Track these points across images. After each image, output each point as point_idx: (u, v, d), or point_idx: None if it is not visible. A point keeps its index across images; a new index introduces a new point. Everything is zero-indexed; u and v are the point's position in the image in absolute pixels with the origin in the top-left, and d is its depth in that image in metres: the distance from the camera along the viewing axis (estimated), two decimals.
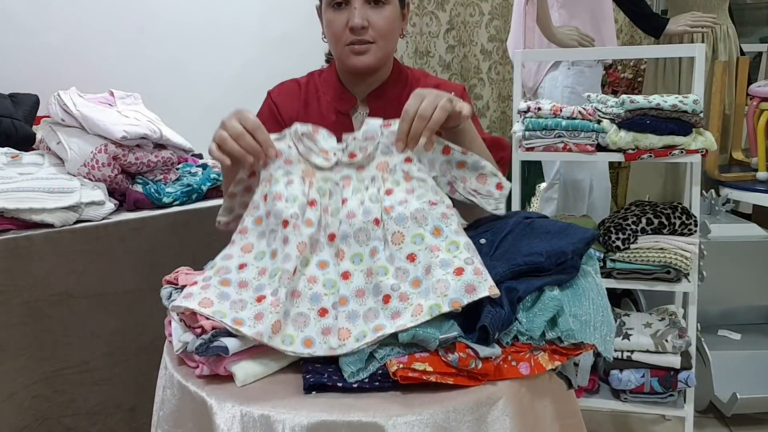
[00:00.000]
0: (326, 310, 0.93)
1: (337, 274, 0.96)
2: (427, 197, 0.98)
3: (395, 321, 0.88)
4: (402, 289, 0.92)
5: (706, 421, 2.11)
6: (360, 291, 0.94)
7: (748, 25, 4.09)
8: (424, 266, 0.92)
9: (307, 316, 0.92)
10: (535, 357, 0.88)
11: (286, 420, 0.79)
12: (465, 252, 0.93)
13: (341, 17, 1.25)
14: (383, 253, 0.95)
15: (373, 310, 0.92)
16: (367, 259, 0.96)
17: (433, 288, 0.89)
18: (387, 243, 0.96)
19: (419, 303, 0.89)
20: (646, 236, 1.78)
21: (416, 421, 0.79)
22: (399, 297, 0.91)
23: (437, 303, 0.88)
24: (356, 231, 0.97)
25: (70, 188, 1.50)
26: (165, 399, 0.93)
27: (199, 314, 0.91)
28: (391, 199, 0.98)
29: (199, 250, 1.65)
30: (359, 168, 1.03)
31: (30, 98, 1.82)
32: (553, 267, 0.95)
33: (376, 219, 0.97)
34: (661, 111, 1.71)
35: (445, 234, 0.95)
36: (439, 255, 0.92)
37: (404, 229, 0.95)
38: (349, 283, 0.95)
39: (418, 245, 0.94)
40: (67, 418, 1.50)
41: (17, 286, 1.41)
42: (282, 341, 0.89)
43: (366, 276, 0.95)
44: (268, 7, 2.63)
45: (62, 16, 2.13)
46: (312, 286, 0.95)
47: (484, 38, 3.38)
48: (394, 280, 0.93)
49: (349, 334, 0.90)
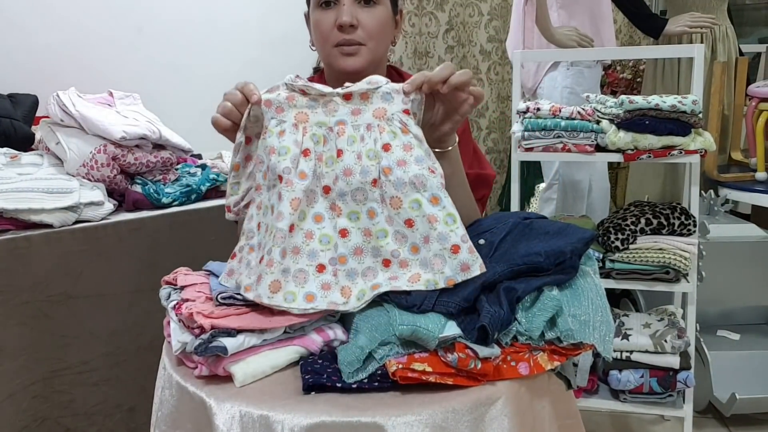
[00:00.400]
0: (323, 266, 0.94)
1: (334, 230, 0.95)
2: (426, 163, 0.95)
3: (392, 282, 0.92)
4: (402, 256, 0.93)
5: (705, 421, 2.11)
6: (358, 249, 0.95)
7: (747, 25, 4.10)
8: (422, 234, 0.93)
9: (306, 272, 0.93)
10: (534, 357, 0.88)
11: (285, 420, 0.79)
12: (461, 228, 0.93)
13: (329, 16, 1.20)
14: (381, 216, 0.95)
15: (371, 269, 0.94)
16: (365, 218, 0.95)
17: (431, 262, 0.92)
18: (385, 204, 0.95)
19: (417, 272, 0.92)
20: (645, 236, 1.79)
21: (415, 421, 0.79)
22: (399, 263, 0.93)
23: (434, 279, 0.91)
24: (353, 190, 0.95)
25: (69, 188, 1.50)
26: (164, 399, 0.93)
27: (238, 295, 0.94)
28: (389, 159, 0.94)
29: (198, 250, 1.65)
30: (355, 112, 0.98)
31: (29, 98, 1.82)
32: (552, 267, 0.95)
33: (374, 180, 0.95)
34: (660, 111, 1.71)
35: (443, 204, 0.94)
36: (437, 227, 0.92)
37: (402, 194, 0.93)
38: (347, 241, 0.95)
39: (416, 211, 0.93)
40: (66, 418, 1.50)
41: (16, 286, 1.40)
42: (284, 299, 0.90)
43: (364, 235, 0.95)
44: (268, 7, 2.64)
45: (62, 17, 2.13)
46: (309, 242, 0.94)
47: (483, 39, 3.38)
48: (395, 246, 0.94)
49: (351, 292, 0.93)
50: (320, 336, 0.92)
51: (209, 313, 0.89)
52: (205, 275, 1.05)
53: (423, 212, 0.93)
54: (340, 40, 1.21)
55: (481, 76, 3.41)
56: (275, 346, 0.90)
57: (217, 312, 0.90)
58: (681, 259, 1.75)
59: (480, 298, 0.90)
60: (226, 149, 2.03)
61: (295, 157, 0.95)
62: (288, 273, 0.92)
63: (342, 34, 1.20)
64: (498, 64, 3.46)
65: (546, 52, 2.43)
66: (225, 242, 1.22)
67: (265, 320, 0.89)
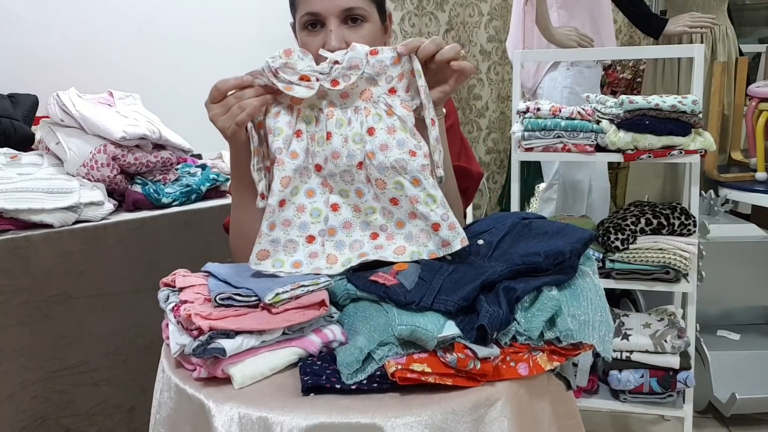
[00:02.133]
0: (313, 237, 1.02)
1: (325, 204, 1.03)
2: (407, 146, 1.00)
3: (378, 251, 1.00)
4: (389, 230, 1.02)
5: (705, 421, 2.11)
6: (348, 223, 1.03)
7: (747, 25, 4.10)
8: (406, 211, 1.01)
9: (296, 243, 1.01)
10: (534, 357, 0.88)
11: (284, 422, 0.79)
12: (441, 208, 0.99)
13: (317, 40, 1.15)
14: (368, 195, 1.03)
15: (359, 241, 1.02)
16: (353, 197, 1.04)
17: (416, 236, 1.00)
18: (371, 185, 1.02)
19: (402, 245, 1.01)
20: (645, 236, 1.78)
21: (415, 422, 0.79)
22: (386, 236, 1.02)
23: (418, 250, 1.00)
24: (342, 172, 1.02)
25: (69, 188, 1.50)
26: (162, 402, 0.93)
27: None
28: (373, 143, 1.00)
29: (198, 251, 1.65)
30: (343, 95, 1.04)
31: (29, 98, 1.82)
32: (551, 267, 0.95)
33: (359, 163, 1.01)
34: (660, 111, 1.71)
35: (423, 185, 1.00)
36: (418, 207, 0.99)
37: (385, 177, 1.00)
38: (338, 215, 1.03)
39: (399, 191, 1.00)
40: (66, 418, 1.50)
41: (16, 286, 1.41)
42: (272, 265, 1.00)
43: (353, 211, 1.04)
44: (268, 7, 2.63)
45: (62, 16, 2.13)
46: (300, 215, 1.02)
47: (483, 39, 3.38)
48: (383, 221, 1.02)
49: (336, 260, 1.01)
50: (319, 337, 0.92)
51: (207, 314, 0.89)
52: (203, 276, 1.04)
53: (405, 193, 1.00)
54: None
55: (481, 76, 3.41)
56: (274, 347, 0.90)
57: (216, 313, 0.89)
58: (681, 259, 1.75)
59: (479, 297, 0.90)
60: (226, 149, 2.03)
61: (288, 137, 1.02)
62: (278, 243, 1.00)
63: None
64: (498, 64, 3.46)
65: (546, 52, 2.43)
66: (225, 242, 1.22)
67: (263, 321, 0.89)
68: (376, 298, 0.94)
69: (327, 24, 1.15)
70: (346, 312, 0.97)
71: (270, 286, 0.93)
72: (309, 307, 0.92)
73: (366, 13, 1.17)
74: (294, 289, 0.93)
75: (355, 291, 0.97)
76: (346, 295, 0.98)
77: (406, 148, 1.00)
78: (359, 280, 0.97)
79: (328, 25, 1.15)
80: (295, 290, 0.93)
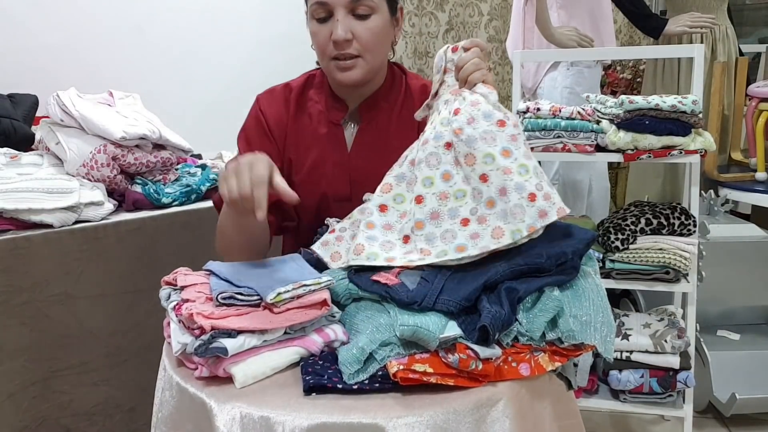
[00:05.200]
0: (408, 237, 1.00)
1: (410, 201, 1.01)
2: (495, 117, 0.99)
3: (476, 242, 0.94)
4: (480, 212, 0.96)
5: (705, 421, 2.11)
6: (435, 213, 0.99)
7: (747, 25, 4.10)
8: (497, 187, 0.95)
9: (393, 243, 1.00)
10: (536, 358, 0.88)
11: (285, 421, 0.79)
12: (534, 177, 0.96)
13: (325, 30, 1.20)
14: (458, 176, 0.99)
15: (450, 231, 0.97)
16: (439, 182, 1.00)
17: (511, 212, 0.94)
18: (460, 166, 0.99)
19: (498, 225, 0.94)
20: (645, 236, 1.78)
21: (416, 423, 0.79)
22: (477, 219, 0.96)
23: (518, 228, 0.93)
24: (427, 155, 1.01)
25: (69, 189, 1.50)
26: (164, 401, 0.93)
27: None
28: (460, 120, 1.00)
29: (198, 251, 1.65)
30: (434, 96, 1.09)
31: (29, 98, 1.82)
32: (553, 267, 0.95)
33: (447, 143, 1.00)
34: (660, 111, 1.71)
35: (514, 156, 0.97)
36: (513, 178, 0.95)
37: (474, 150, 0.97)
38: (423, 207, 0.99)
39: (489, 165, 0.96)
40: (66, 418, 1.50)
41: (16, 286, 1.40)
42: (367, 258, 0.97)
43: (439, 199, 0.99)
44: (268, 7, 2.64)
45: (62, 17, 2.13)
46: (387, 216, 1.02)
47: (483, 39, 3.38)
48: (473, 204, 0.97)
49: (430, 252, 0.96)
50: (321, 337, 0.92)
51: (209, 313, 0.89)
52: (205, 275, 1.04)
53: (497, 165, 0.96)
54: (336, 54, 1.21)
55: None
56: (275, 347, 0.90)
57: (217, 313, 0.89)
58: (681, 259, 1.75)
59: (481, 298, 0.90)
60: (226, 149, 2.03)
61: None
62: (374, 240, 0.99)
63: (337, 48, 1.20)
64: (498, 64, 3.46)
65: (546, 52, 2.43)
66: None
67: (265, 321, 0.89)
68: (378, 297, 0.94)
69: (334, 14, 1.18)
70: (347, 312, 0.97)
71: (271, 285, 0.93)
72: (311, 306, 0.92)
73: (374, 4, 1.20)
74: (296, 289, 0.93)
75: (357, 291, 0.97)
76: (347, 294, 0.98)
77: (494, 119, 0.99)
78: (361, 280, 0.97)
79: (336, 15, 1.18)
80: (296, 290, 0.93)
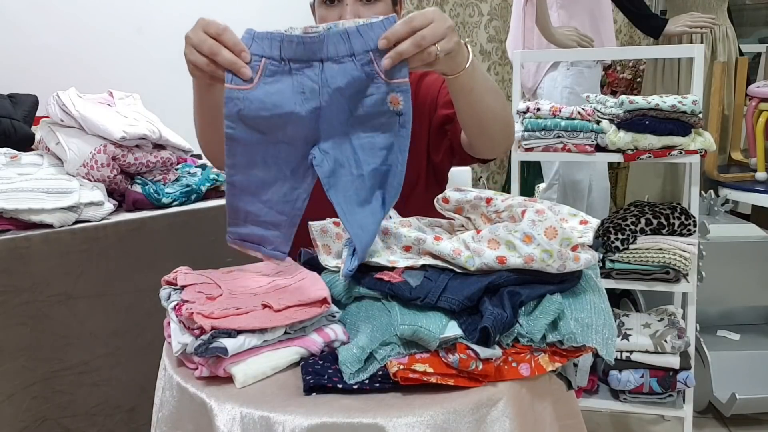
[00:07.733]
0: (409, 247, 0.99)
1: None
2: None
3: (527, 244, 0.90)
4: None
5: (705, 421, 2.11)
6: (437, 237, 0.98)
7: (747, 25, 4.10)
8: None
9: (395, 250, 1.00)
10: (536, 358, 0.88)
11: (286, 421, 0.79)
12: (558, 260, 0.91)
13: (333, 14, 1.26)
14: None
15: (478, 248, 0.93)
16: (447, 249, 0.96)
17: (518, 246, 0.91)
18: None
19: (530, 253, 0.90)
20: (645, 237, 1.79)
21: (416, 423, 0.79)
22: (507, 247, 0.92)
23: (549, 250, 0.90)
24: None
25: (69, 189, 1.50)
26: (164, 400, 0.93)
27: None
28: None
29: (198, 251, 1.65)
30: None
31: (29, 98, 1.82)
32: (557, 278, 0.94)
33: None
34: (660, 111, 1.71)
35: (536, 241, 0.91)
36: (533, 266, 0.91)
37: (495, 236, 0.94)
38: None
39: (512, 251, 0.92)
40: (66, 419, 1.50)
41: (16, 286, 1.40)
42: (370, 255, 0.96)
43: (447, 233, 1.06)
44: (268, 6, 2.64)
45: (61, 17, 2.13)
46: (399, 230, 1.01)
47: (483, 39, 3.38)
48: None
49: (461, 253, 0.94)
50: (321, 336, 0.92)
51: (209, 313, 0.89)
52: (205, 275, 1.04)
53: (519, 253, 0.91)
54: None
55: None
56: (276, 346, 0.90)
57: (217, 312, 0.89)
58: (681, 259, 1.75)
59: (483, 299, 0.89)
60: None
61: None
62: (376, 244, 0.98)
63: None
64: (498, 64, 3.46)
65: (546, 52, 2.43)
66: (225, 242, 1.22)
67: (265, 320, 0.89)
68: (381, 295, 0.94)
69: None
70: (348, 311, 0.97)
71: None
72: (311, 304, 0.92)
73: None
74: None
75: (358, 290, 0.96)
76: (348, 294, 0.98)
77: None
78: (364, 278, 0.96)
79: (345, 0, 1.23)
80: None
